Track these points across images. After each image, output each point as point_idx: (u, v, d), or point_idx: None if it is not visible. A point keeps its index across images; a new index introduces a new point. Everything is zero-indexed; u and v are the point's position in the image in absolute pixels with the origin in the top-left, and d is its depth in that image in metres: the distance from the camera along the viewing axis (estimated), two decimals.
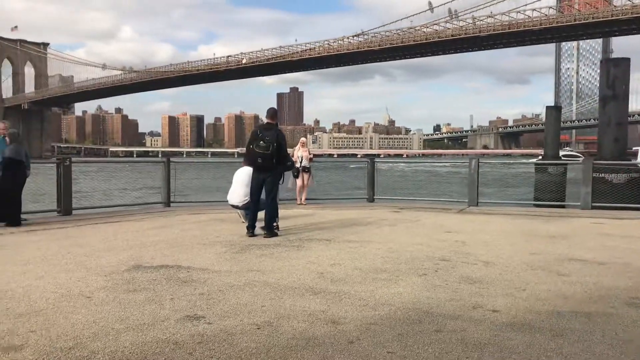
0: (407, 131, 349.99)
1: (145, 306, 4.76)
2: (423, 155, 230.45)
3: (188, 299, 5.01)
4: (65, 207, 12.05)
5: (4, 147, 10.41)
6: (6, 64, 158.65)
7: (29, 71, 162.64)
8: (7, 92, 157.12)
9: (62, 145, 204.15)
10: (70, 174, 12.23)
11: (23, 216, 10.68)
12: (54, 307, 4.74)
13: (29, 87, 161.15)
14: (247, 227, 8.95)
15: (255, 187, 9.13)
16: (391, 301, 5.01)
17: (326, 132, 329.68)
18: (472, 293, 5.33)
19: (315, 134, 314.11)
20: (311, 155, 14.97)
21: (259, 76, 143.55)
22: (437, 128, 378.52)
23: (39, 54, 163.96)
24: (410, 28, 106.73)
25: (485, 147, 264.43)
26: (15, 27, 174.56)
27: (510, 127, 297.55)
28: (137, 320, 4.36)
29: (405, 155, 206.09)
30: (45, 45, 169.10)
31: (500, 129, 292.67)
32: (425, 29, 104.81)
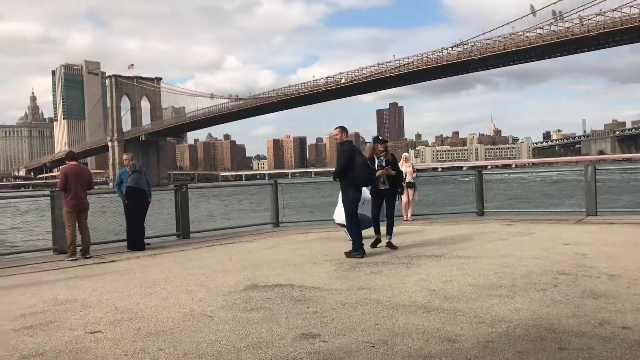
0: (515, 140, 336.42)
1: (262, 324, 4.92)
2: (533, 164, 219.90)
3: (302, 317, 5.12)
4: (183, 230, 12.76)
5: (127, 177, 11.24)
6: (125, 99, 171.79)
7: (144, 105, 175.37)
8: (127, 126, 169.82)
9: (177, 173, 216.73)
10: (187, 200, 12.94)
11: (146, 241, 11.43)
12: (179, 326, 5.03)
13: (146, 119, 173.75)
14: (357, 248, 8.70)
15: (357, 205, 8.92)
16: (509, 318, 4.83)
17: (428, 146, 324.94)
18: (597, 308, 5.02)
19: (417, 148, 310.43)
20: (415, 173, 14.81)
21: (358, 94, 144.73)
22: (546, 135, 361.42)
23: (153, 89, 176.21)
24: (512, 34, 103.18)
25: (601, 152, 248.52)
26: (132, 65, 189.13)
27: (628, 130, 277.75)
28: (256, 339, 4.52)
29: (514, 165, 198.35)
30: (159, 79, 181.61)
31: (617, 132, 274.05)
32: (528, 34, 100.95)
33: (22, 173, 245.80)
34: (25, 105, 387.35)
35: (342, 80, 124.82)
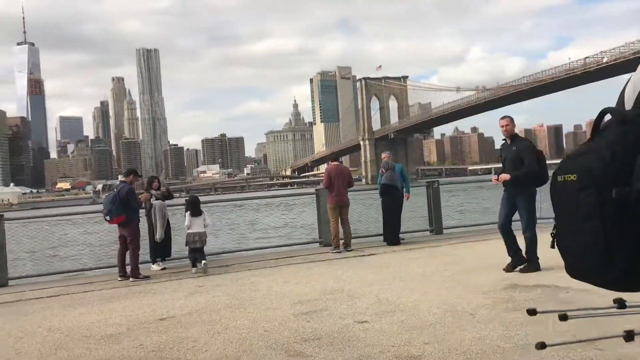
0: None
1: (528, 327, 4.71)
2: None
3: (571, 321, 4.76)
4: (436, 226, 12.86)
5: (380, 176, 11.76)
6: (374, 100, 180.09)
7: (392, 104, 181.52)
8: (376, 125, 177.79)
9: (424, 168, 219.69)
10: (439, 196, 13.00)
11: (401, 236, 11.81)
12: (441, 321, 5.10)
13: (394, 118, 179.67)
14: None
15: None
16: None
17: None
18: None
19: None
20: None
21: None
22: None
23: (400, 87, 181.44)
24: None
25: None
26: (379, 66, 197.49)
27: None
28: (522, 340, 4.36)
29: None
30: (405, 78, 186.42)
31: None
32: None
33: (287, 173, 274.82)
34: (289, 111, 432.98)
35: (604, 60, 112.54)
